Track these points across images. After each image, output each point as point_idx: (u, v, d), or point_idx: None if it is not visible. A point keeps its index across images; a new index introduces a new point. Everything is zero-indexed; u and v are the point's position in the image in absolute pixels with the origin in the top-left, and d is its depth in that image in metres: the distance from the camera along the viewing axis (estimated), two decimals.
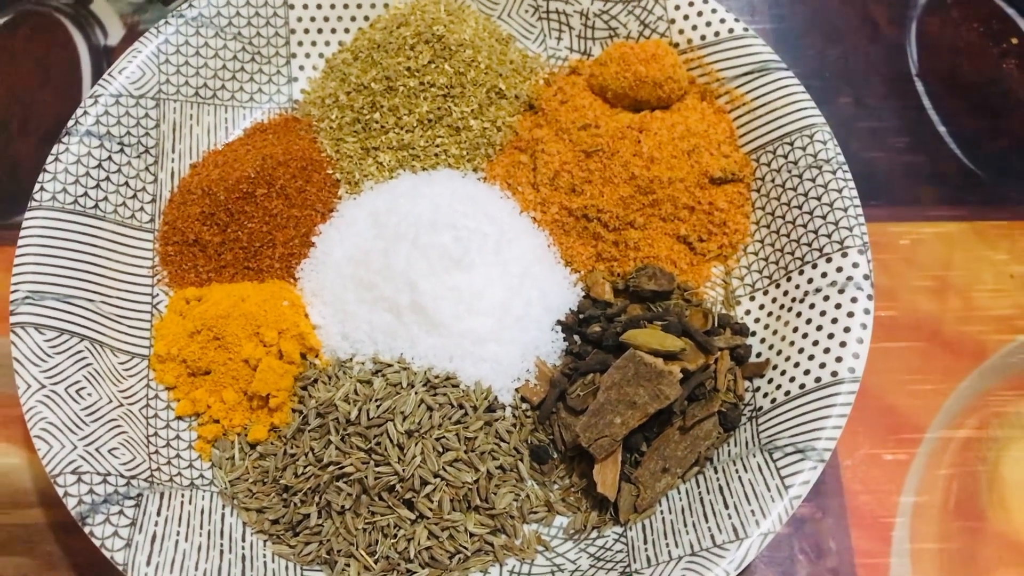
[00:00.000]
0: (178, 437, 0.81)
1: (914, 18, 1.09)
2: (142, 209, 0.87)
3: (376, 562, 0.74)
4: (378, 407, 0.77)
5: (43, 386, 0.75)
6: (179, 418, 0.82)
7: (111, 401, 0.78)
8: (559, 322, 0.84)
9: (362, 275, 0.83)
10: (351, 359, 0.82)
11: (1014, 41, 1.06)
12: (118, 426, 0.77)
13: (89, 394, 0.77)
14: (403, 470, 0.75)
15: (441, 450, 0.77)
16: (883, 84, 1.05)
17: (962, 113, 1.04)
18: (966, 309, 0.94)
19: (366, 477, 0.75)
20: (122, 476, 0.74)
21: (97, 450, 0.74)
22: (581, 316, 0.84)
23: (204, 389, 0.82)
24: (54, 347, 0.77)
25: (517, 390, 0.82)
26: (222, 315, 0.82)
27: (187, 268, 0.87)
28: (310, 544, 0.76)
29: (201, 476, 0.79)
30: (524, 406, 0.82)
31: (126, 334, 0.83)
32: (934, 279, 0.96)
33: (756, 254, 0.87)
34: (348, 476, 0.76)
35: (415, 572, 0.75)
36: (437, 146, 0.90)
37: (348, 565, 0.75)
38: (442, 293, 0.80)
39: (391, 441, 0.76)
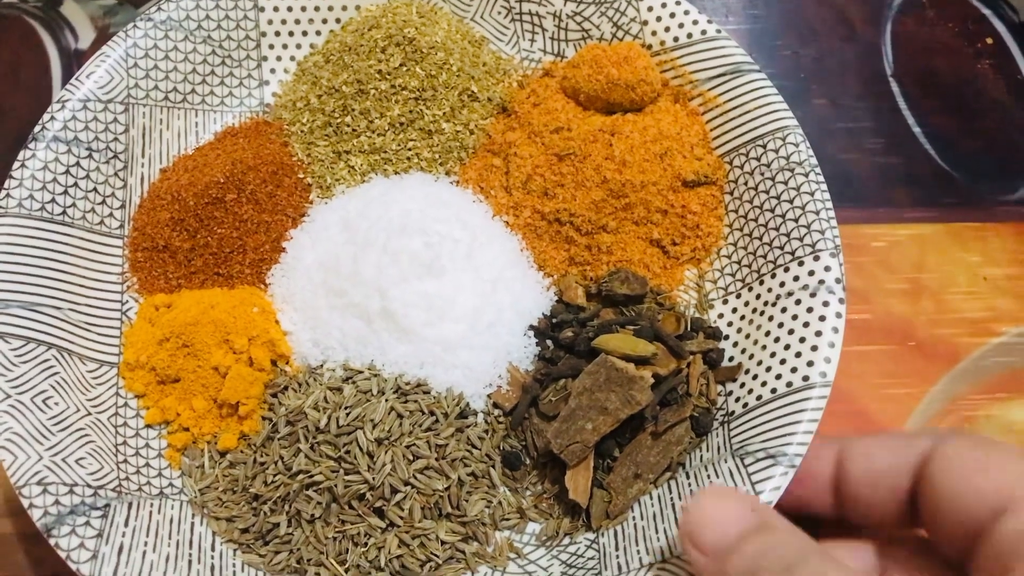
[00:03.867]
0: (147, 446, 0.80)
1: (889, 18, 1.08)
2: (111, 215, 0.86)
3: (347, 571, 0.74)
4: (348, 415, 0.77)
5: (8, 396, 0.74)
6: (149, 426, 0.81)
7: (79, 410, 0.78)
8: (532, 327, 0.83)
9: (332, 281, 0.82)
10: (322, 366, 0.82)
11: (989, 41, 1.06)
12: (86, 435, 0.77)
13: (56, 403, 0.76)
14: (373, 478, 0.74)
15: (411, 458, 0.76)
16: (858, 85, 1.05)
17: (937, 113, 1.03)
18: (939, 312, 0.93)
19: (336, 485, 0.74)
20: (89, 486, 0.73)
21: (64, 460, 0.74)
22: (554, 321, 0.84)
23: (174, 397, 0.81)
24: (20, 356, 0.76)
25: (489, 396, 0.81)
26: (191, 322, 0.81)
27: (157, 274, 0.86)
28: (280, 553, 0.76)
29: (171, 485, 0.79)
30: (496, 412, 0.81)
31: (95, 342, 0.82)
32: (908, 282, 0.95)
33: (729, 257, 0.87)
34: (318, 484, 0.75)
35: None
36: (409, 149, 0.89)
37: (318, 574, 0.74)
38: (412, 300, 0.80)
39: (361, 449, 0.75)
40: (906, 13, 1.08)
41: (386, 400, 0.78)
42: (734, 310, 0.85)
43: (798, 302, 0.79)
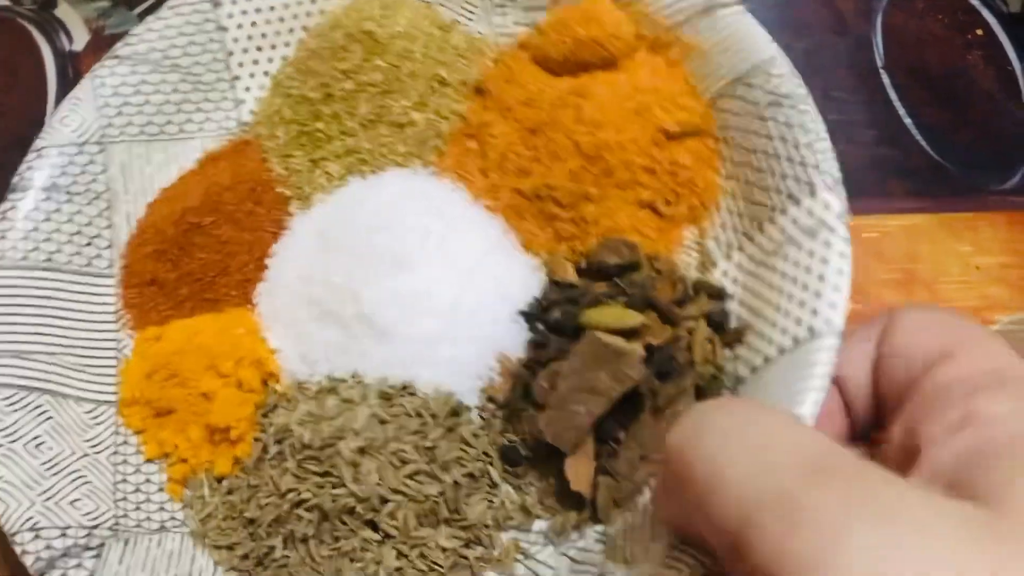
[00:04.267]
0: (148, 481, 0.79)
1: (880, 11, 1.08)
2: (99, 256, 0.86)
3: None
4: (330, 426, 0.74)
5: (0, 445, 0.74)
6: (149, 461, 0.80)
7: (74, 452, 0.77)
8: (521, 311, 0.78)
9: (311, 292, 0.80)
10: (307, 381, 0.79)
11: (979, 32, 1.05)
12: (81, 477, 0.76)
13: (50, 448, 0.76)
14: (359, 489, 0.71)
15: (399, 464, 0.73)
16: (850, 77, 1.04)
17: (928, 104, 1.02)
18: (932, 301, 0.91)
19: (323, 502, 0.71)
20: (83, 527, 0.73)
21: (57, 503, 0.73)
22: (545, 302, 0.79)
23: (170, 429, 0.80)
24: (11, 405, 0.77)
25: (483, 390, 0.77)
26: (176, 351, 0.80)
27: (148, 308, 0.86)
28: None
29: (172, 518, 0.78)
30: (492, 407, 0.77)
31: (91, 382, 0.82)
32: (901, 272, 0.93)
33: (729, 210, 0.80)
34: (306, 502, 0.72)
35: None
36: (383, 146, 0.86)
37: None
38: (385, 299, 0.76)
39: (344, 460, 0.72)
40: (897, 5, 1.08)
41: (367, 407, 0.74)
42: (739, 265, 0.78)
43: (799, 246, 0.71)
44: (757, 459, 0.41)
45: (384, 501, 0.71)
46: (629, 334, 0.73)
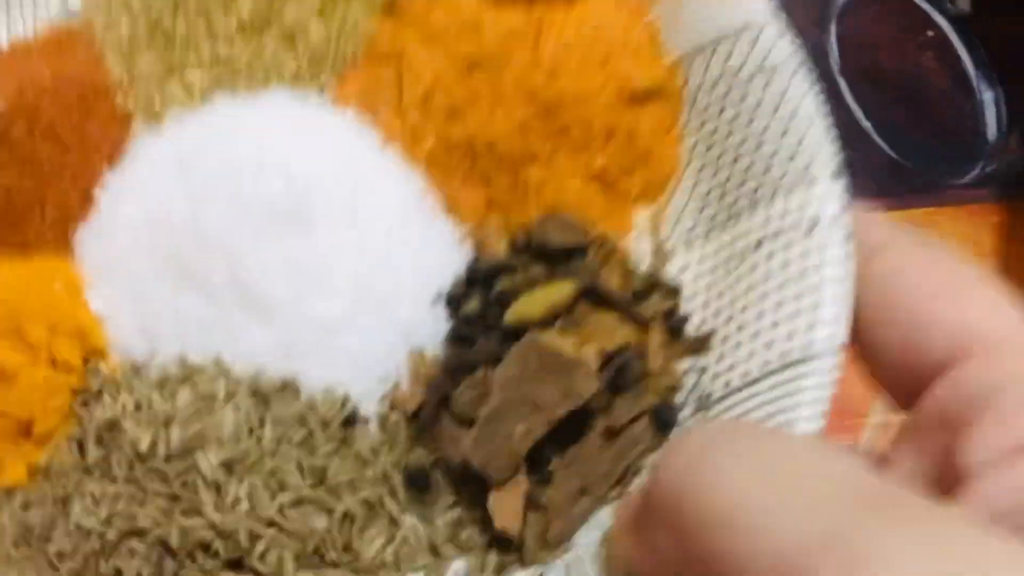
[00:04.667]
0: None
1: (833, 18, 1.09)
2: None
3: None
4: (183, 431, 0.55)
5: None
6: None
7: None
8: (446, 296, 0.62)
9: (163, 242, 0.60)
10: (146, 363, 0.59)
11: (930, 33, 1.05)
12: None
13: None
14: (222, 520, 0.53)
15: (277, 488, 0.55)
16: None
17: (885, 106, 1.06)
18: None
19: (169, 534, 0.53)
20: None
21: None
22: (471, 286, 0.63)
23: None
24: None
25: (385, 397, 0.60)
26: None
27: None
28: None
29: None
30: (396, 416, 0.60)
31: None
32: None
33: (692, 191, 0.66)
34: (144, 533, 0.53)
35: None
36: (266, 60, 0.66)
37: None
38: (272, 265, 0.58)
39: (204, 479, 0.54)
40: (850, 12, 1.09)
41: (237, 407, 0.56)
42: (702, 259, 0.64)
43: (788, 245, 0.59)
44: (792, 494, 0.33)
45: (255, 538, 0.53)
46: (553, 317, 0.59)
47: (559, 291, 0.59)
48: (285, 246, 0.58)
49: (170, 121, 0.67)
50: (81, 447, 0.57)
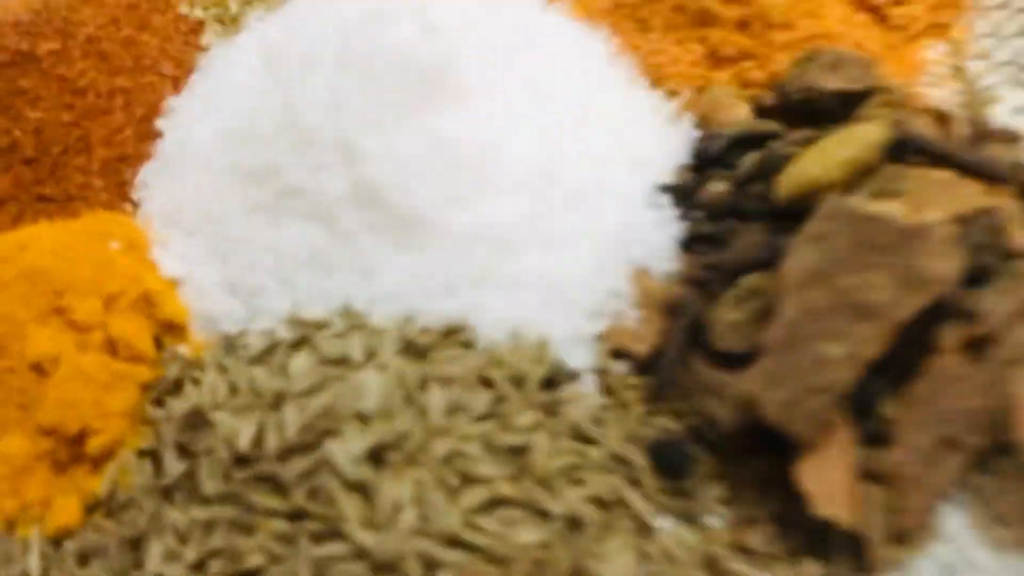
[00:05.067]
0: None
1: None
2: None
3: None
4: (301, 411, 0.34)
5: None
6: None
7: None
8: (663, 187, 0.41)
9: (250, 162, 0.41)
10: (245, 332, 0.40)
11: None
12: None
13: None
14: (376, 543, 0.32)
15: (457, 483, 0.34)
16: None
17: None
18: None
19: (294, 575, 0.32)
20: None
21: None
22: (702, 171, 0.42)
23: None
24: None
25: (602, 337, 0.39)
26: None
27: None
28: None
29: None
30: (621, 367, 0.39)
31: None
32: None
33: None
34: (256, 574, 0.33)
35: None
36: None
37: None
38: (411, 156, 0.38)
39: (341, 481, 0.33)
40: None
41: (382, 367, 0.35)
42: None
43: None
44: None
45: (432, 567, 0.32)
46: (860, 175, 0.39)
47: (860, 139, 0.37)
48: (427, 126, 0.38)
49: (251, 24, 0.49)
50: (157, 462, 0.37)
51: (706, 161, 0.41)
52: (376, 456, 0.34)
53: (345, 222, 0.39)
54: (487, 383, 0.37)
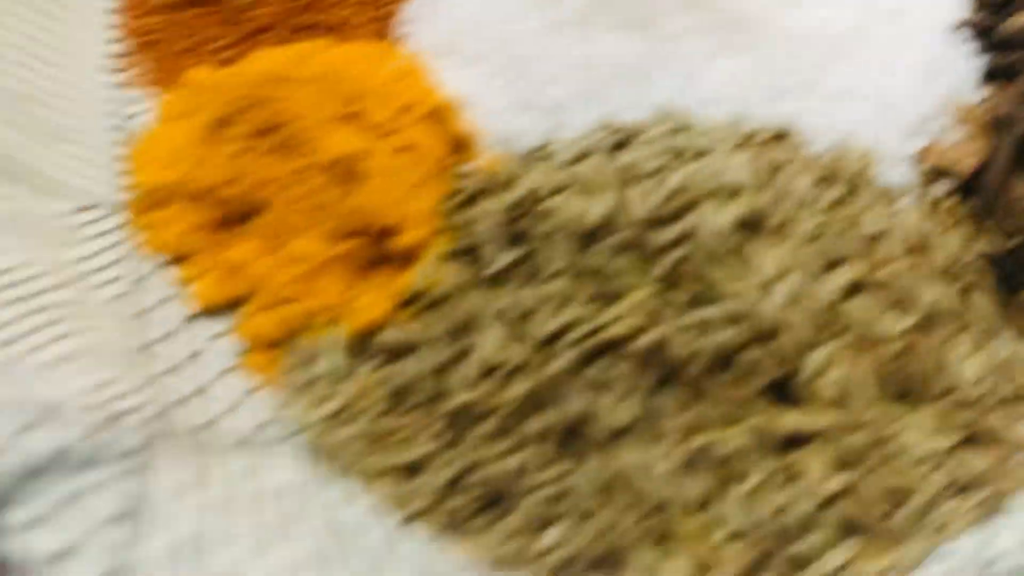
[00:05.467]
0: (199, 353, 0.36)
1: None
2: None
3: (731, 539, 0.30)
4: (660, 186, 0.33)
5: None
6: (203, 314, 0.37)
7: (50, 282, 0.34)
8: (964, 22, 0.41)
9: None
10: (549, 144, 0.38)
11: None
12: (74, 320, 0.33)
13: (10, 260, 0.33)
14: (750, 309, 0.31)
15: (820, 264, 0.33)
16: None
17: None
18: None
19: (663, 339, 0.31)
20: (92, 410, 0.29)
21: (25, 358, 0.30)
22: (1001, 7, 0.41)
23: (250, 245, 0.38)
24: None
25: (921, 156, 0.38)
26: (275, 77, 0.39)
27: (185, 50, 0.45)
28: (549, 529, 0.31)
29: (261, 425, 0.35)
30: (941, 188, 0.38)
31: (63, 167, 0.39)
32: None
33: None
34: (619, 345, 0.31)
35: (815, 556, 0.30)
36: None
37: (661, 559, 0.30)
38: None
39: (708, 250, 0.32)
40: None
41: (731, 152, 0.34)
42: None
43: None
44: None
45: (804, 346, 0.31)
46: None
47: None
48: None
49: None
50: (472, 259, 0.36)
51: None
52: (746, 227, 0.33)
53: (668, 27, 0.38)
54: (827, 179, 0.36)
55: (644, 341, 0.31)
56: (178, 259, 0.39)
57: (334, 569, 0.29)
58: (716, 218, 0.32)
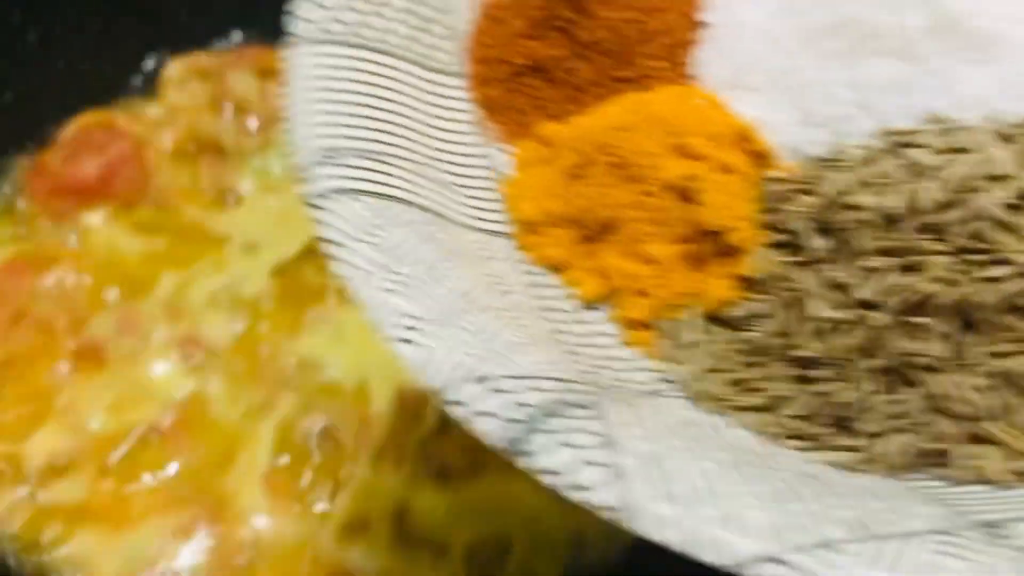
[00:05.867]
0: (599, 333, 0.50)
1: None
2: (436, 47, 0.59)
3: None
4: (944, 182, 0.44)
5: (382, 268, 0.45)
6: (589, 307, 0.51)
7: (487, 287, 0.48)
8: None
9: (823, 20, 0.51)
10: (838, 151, 0.50)
11: None
12: (512, 316, 0.47)
13: (455, 276, 0.47)
14: None
15: None
16: None
17: None
18: None
19: (970, 294, 0.42)
20: (552, 380, 0.43)
21: (498, 348, 0.44)
22: None
23: (613, 253, 0.51)
24: (382, 216, 0.48)
25: None
26: (618, 128, 0.52)
27: (527, 109, 0.58)
28: (880, 438, 0.43)
29: (651, 381, 0.48)
30: None
31: (465, 206, 0.54)
32: None
33: None
34: (928, 301, 0.42)
35: None
36: None
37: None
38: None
39: (993, 222, 0.43)
40: None
41: (998, 144, 0.45)
42: None
43: None
44: None
45: None
46: None
47: None
48: None
49: None
50: (791, 250, 0.47)
51: None
52: (1015, 206, 0.43)
53: (921, 49, 0.49)
54: None
55: (949, 296, 0.42)
56: (559, 268, 0.53)
57: (737, 470, 0.41)
58: (992, 198, 0.43)
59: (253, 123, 1.05)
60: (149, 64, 1.09)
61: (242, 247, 0.97)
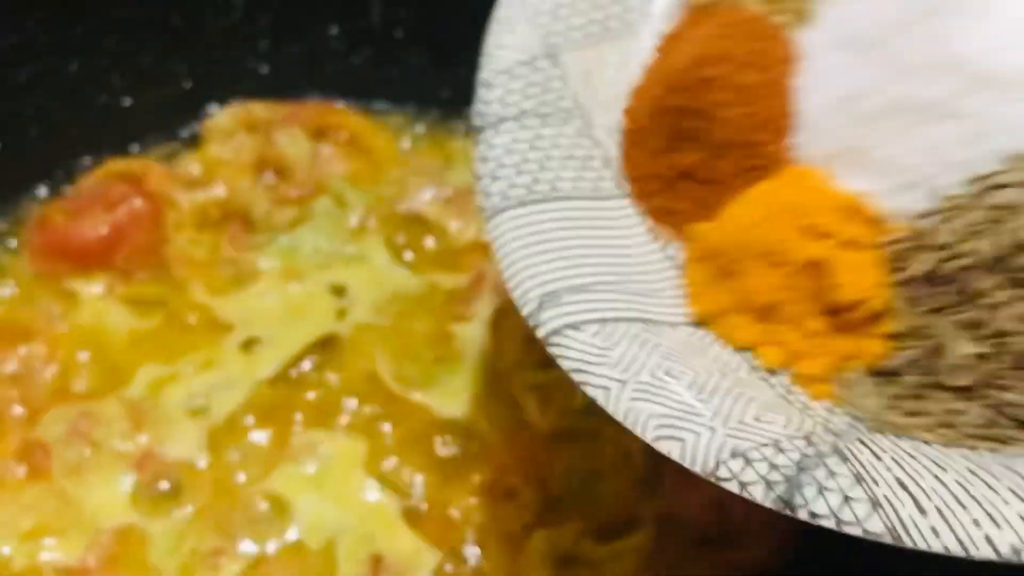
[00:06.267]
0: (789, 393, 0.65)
1: None
2: (600, 177, 0.73)
3: None
4: None
5: (624, 382, 0.60)
6: (771, 373, 0.66)
7: (712, 374, 0.63)
8: None
9: (869, 104, 0.64)
10: (939, 207, 0.62)
11: None
12: (741, 393, 0.61)
13: (681, 372, 0.61)
14: None
15: None
16: None
17: None
18: None
19: None
20: (796, 439, 0.57)
21: (741, 423, 0.58)
22: None
23: (784, 330, 0.66)
24: (606, 338, 0.63)
25: None
26: (755, 223, 0.66)
27: (684, 211, 0.72)
28: None
29: (847, 423, 0.62)
30: None
31: (670, 306, 0.69)
32: None
33: None
34: None
35: None
36: None
37: None
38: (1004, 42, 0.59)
39: None
40: None
41: None
42: None
43: None
44: None
45: None
46: None
47: None
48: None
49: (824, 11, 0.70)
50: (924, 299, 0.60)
51: None
52: None
53: (965, 107, 0.59)
54: None
55: None
56: (747, 348, 0.66)
57: (976, 475, 0.52)
58: None
59: (293, 192, 0.96)
60: (209, 110, 1.01)
61: (241, 343, 0.89)
